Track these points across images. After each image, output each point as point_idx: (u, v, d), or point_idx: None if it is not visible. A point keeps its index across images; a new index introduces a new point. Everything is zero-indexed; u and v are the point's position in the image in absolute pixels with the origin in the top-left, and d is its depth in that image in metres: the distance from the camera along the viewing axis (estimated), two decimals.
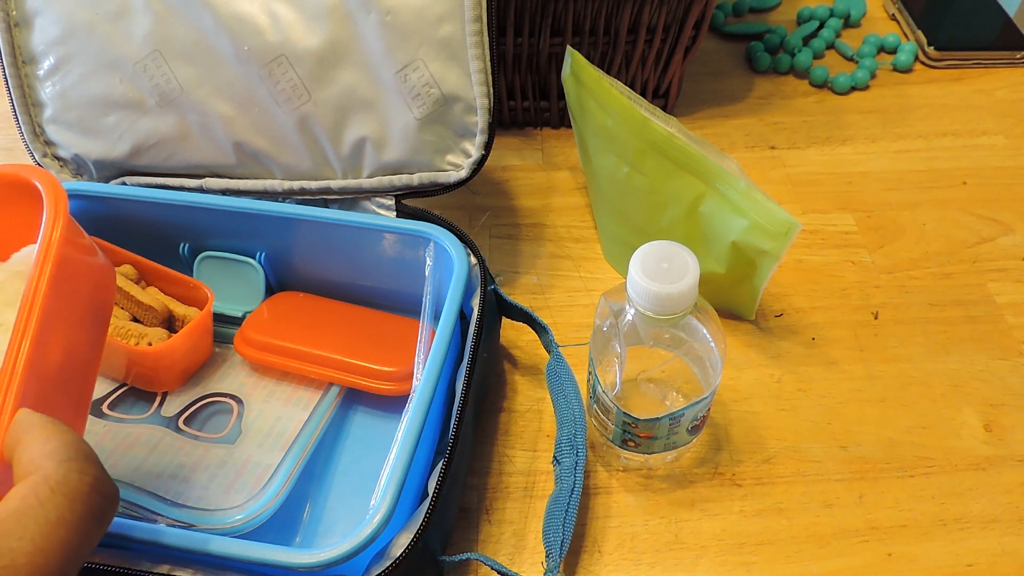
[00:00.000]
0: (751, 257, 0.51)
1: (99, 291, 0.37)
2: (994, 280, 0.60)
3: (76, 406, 0.35)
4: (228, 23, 0.49)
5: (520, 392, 0.54)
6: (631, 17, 0.64)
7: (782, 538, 0.47)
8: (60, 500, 0.26)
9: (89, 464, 0.28)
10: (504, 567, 0.42)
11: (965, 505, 0.49)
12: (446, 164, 0.53)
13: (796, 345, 0.56)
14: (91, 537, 0.27)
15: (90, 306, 0.36)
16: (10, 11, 0.51)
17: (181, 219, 0.53)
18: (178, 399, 0.50)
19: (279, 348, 0.51)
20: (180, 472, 0.46)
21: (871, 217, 0.65)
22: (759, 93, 0.75)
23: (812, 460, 0.51)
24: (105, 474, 0.28)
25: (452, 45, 0.49)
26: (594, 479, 0.50)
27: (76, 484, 0.27)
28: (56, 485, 0.27)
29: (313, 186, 0.54)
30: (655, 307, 0.40)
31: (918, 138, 0.71)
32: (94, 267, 0.37)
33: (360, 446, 0.51)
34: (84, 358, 0.36)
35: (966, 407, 0.53)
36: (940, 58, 0.77)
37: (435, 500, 0.40)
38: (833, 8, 0.82)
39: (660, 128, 0.52)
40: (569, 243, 0.63)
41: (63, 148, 0.54)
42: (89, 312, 0.36)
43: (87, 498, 0.27)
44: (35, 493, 0.26)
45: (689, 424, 0.46)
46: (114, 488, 0.29)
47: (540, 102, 0.71)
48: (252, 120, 0.52)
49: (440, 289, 0.50)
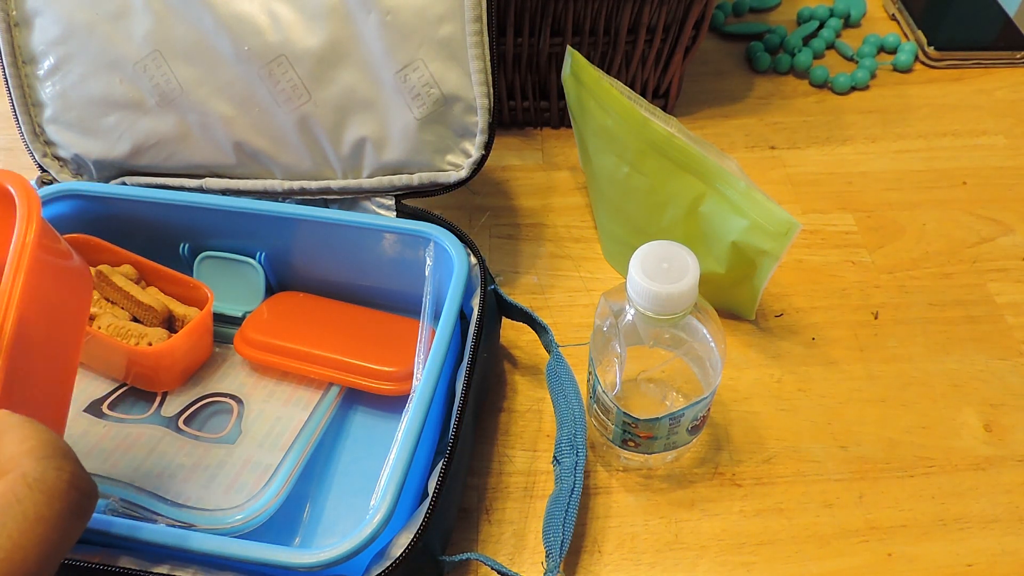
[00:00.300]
0: (751, 257, 0.51)
1: (75, 294, 0.37)
2: (994, 280, 0.60)
3: (56, 408, 0.35)
4: (228, 23, 0.49)
5: (520, 392, 0.54)
6: (631, 17, 0.64)
7: (782, 538, 0.47)
8: (38, 497, 0.27)
9: (66, 461, 0.28)
10: (504, 567, 0.42)
11: (965, 505, 0.49)
12: (446, 164, 0.53)
13: (796, 345, 0.56)
14: (70, 533, 0.27)
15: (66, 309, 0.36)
16: (10, 11, 0.51)
17: (181, 219, 0.53)
18: (178, 399, 0.50)
19: (279, 348, 0.51)
20: (180, 472, 0.46)
21: (871, 217, 0.65)
22: (759, 93, 0.76)
23: (812, 460, 0.51)
24: (83, 470, 0.29)
25: (452, 45, 0.49)
26: (594, 479, 0.50)
27: (54, 481, 0.27)
28: (34, 482, 0.27)
29: (313, 186, 0.54)
30: (655, 307, 0.40)
31: (918, 138, 0.71)
32: (69, 270, 0.36)
33: (360, 446, 0.51)
34: (62, 361, 0.36)
35: (966, 407, 0.53)
36: (940, 58, 0.77)
37: (435, 500, 0.40)
38: (833, 8, 0.82)
39: (660, 128, 0.52)
40: (569, 243, 0.63)
41: (63, 148, 0.54)
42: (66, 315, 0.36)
43: (65, 495, 0.27)
44: (13, 490, 0.27)
45: (689, 424, 0.46)
46: (92, 484, 0.29)
47: (540, 102, 0.71)
48: (252, 120, 0.52)
49: (440, 289, 0.50)
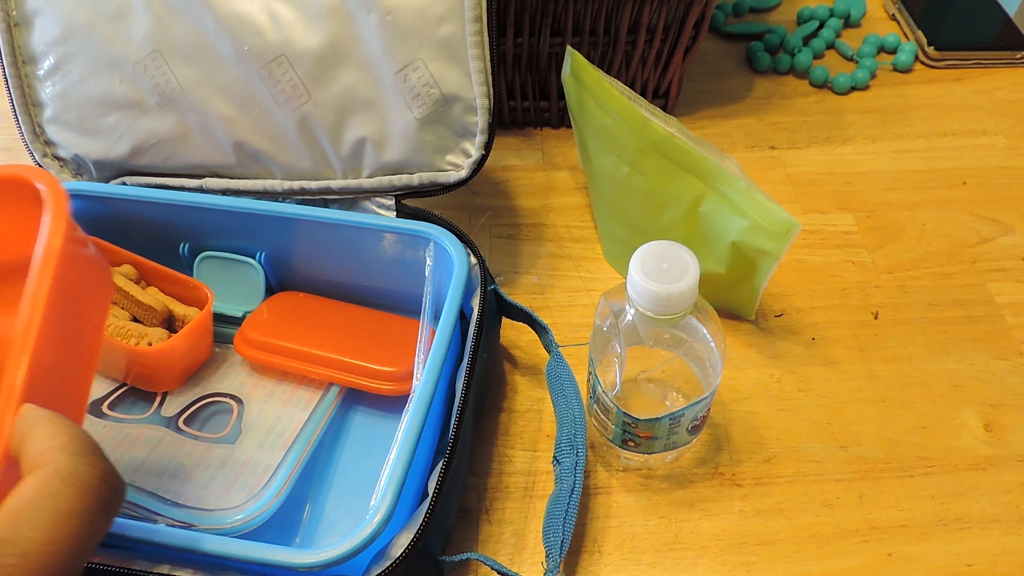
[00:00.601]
0: (751, 257, 0.51)
1: (97, 290, 0.38)
2: (994, 280, 0.60)
3: (75, 402, 0.36)
4: (228, 23, 0.49)
5: (520, 392, 0.54)
6: (631, 17, 0.64)
7: (782, 538, 0.47)
8: (71, 491, 0.27)
9: (97, 457, 0.29)
10: (504, 567, 0.42)
11: (965, 505, 0.49)
12: (446, 164, 0.53)
13: (796, 345, 0.56)
14: (100, 528, 0.28)
15: (89, 305, 0.37)
16: (10, 11, 0.51)
17: (181, 219, 0.53)
18: (178, 399, 0.50)
19: (279, 348, 0.51)
20: (180, 472, 0.46)
21: (871, 217, 0.65)
22: (759, 93, 0.76)
23: (812, 460, 0.51)
24: (112, 467, 0.29)
25: (452, 45, 0.49)
26: (594, 479, 0.50)
27: (87, 476, 0.28)
28: (68, 477, 0.28)
29: (313, 186, 0.54)
30: (655, 307, 0.40)
31: (918, 138, 0.71)
32: (93, 266, 0.37)
33: (360, 446, 0.51)
34: (84, 356, 0.36)
35: (966, 407, 0.53)
36: (940, 58, 0.77)
37: (435, 500, 0.40)
38: (833, 8, 0.82)
39: (660, 128, 0.52)
40: (569, 243, 0.63)
41: (63, 148, 0.54)
42: (88, 311, 0.36)
43: (97, 490, 0.28)
44: (47, 485, 0.27)
45: (689, 424, 0.46)
46: (121, 481, 0.30)
47: (540, 102, 0.71)
48: (252, 120, 0.52)
49: (440, 289, 0.50)
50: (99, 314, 0.38)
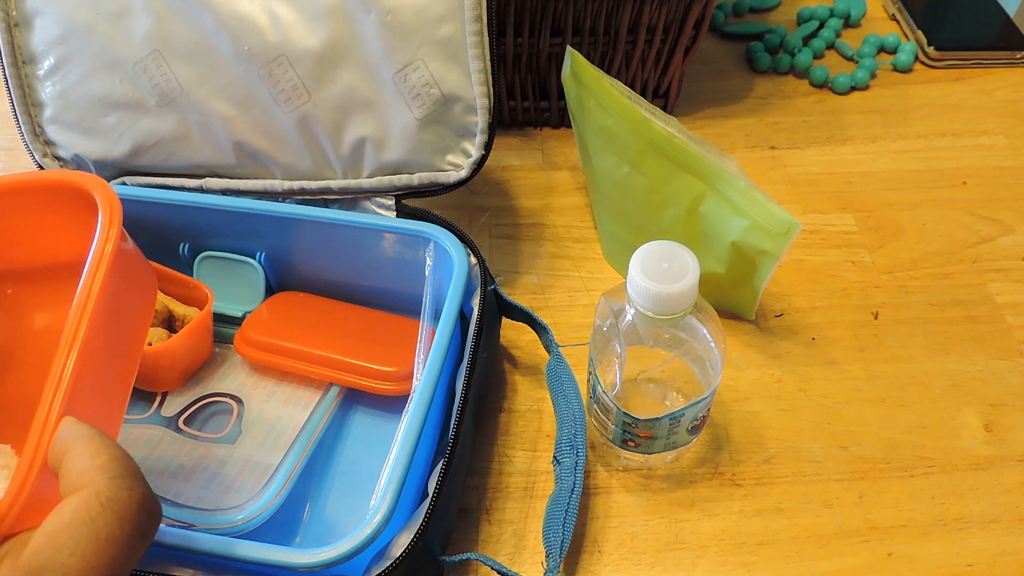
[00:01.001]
0: (751, 257, 0.51)
1: (143, 299, 0.37)
2: (994, 280, 0.60)
3: (113, 414, 0.35)
4: (228, 23, 0.49)
5: (520, 392, 0.54)
6: (631, 17, 0.64)
7: (782, 538, 0.47)
8: (110, 517, 0.27)
9: (137, 482, 0.28)
10: (504, 567, 0.42)
11: (965, 505, 0.49)
12: (446, 164, 0.53)
13: (796, 345, 0.56)
14: (136, 555, 0.28)
15: (133, 315, 0.36)
16: (10, 11, 0.51)
17: (181, 219, 0.53)
18: (178, 399, 0.50)
19: (279, 348, 0.51)
20: (180, 472, 0.46)
21: (871, 217, 0.65)
22: (759, 93, 0.75)
23: (812, 460, 0.51)
24: (151, 492, 0.29)
25: (452, 45, 0.49)
26: (594, 479, 0.50)
27: (126, 502, 0.27)
28: (107, 502, 0.27)
29: (313, 186, 0.54)
30: (655, 307, 0.40)
31: (918, 138, 0.71)
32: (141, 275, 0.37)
33: (360, 446, 0.51)
34: (125, 366, 0.36)
35: (966, 407, 0.53)
36: (940, 58, 0.77)
37: (435, 500, 0.40)
38: (833, 8, 0.82)
39: (660, 128, 0.52)
40: (569, 243, 0.63)
41: (63, 148, 0.54)
42: (132, 321, 0.36)
43: (135, 516, 0.27)
44: (87, 508, 0.27)
45: (689, 424, 0.46)
46: (159, 507, 0.29)
47: (540, 102, 0.71)
48: (252, 120, 0.52)
49: (440, 289, 0.50)
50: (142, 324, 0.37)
